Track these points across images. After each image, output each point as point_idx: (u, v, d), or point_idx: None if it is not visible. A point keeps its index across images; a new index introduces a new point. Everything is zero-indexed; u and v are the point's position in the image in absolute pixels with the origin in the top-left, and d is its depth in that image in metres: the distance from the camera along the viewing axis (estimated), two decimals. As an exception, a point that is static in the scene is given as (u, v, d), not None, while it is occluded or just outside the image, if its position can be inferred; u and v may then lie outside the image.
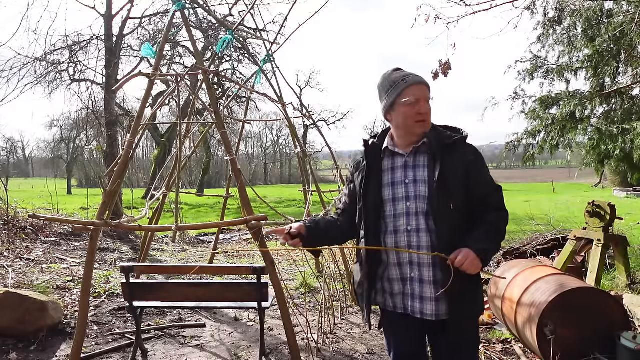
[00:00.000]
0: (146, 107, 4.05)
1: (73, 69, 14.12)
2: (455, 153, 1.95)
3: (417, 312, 1.97)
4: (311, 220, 2.11)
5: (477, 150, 2.02)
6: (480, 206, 1.97)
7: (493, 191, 2.00)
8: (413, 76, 2.00)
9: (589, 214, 4.96)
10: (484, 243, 1.88)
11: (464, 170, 1.93)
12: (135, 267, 3.74)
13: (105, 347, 3.93)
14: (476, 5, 4.65)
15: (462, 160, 1.95)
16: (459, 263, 1.81)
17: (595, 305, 3.23)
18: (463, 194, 1.92)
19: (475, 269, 1.84)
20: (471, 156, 1.96)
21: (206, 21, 14.84)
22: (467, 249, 1.83)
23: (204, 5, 4.78)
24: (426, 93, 1.99)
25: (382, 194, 2.01)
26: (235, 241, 11.00)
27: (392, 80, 2.02)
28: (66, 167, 42.08)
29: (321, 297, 4.32)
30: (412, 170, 1.99)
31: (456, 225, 1.91)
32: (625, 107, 7.98)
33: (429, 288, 1.93)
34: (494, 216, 1.97)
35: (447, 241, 1.88)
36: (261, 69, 4.88)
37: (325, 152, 32.02)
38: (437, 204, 1.90)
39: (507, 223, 2.03)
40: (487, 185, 1.99)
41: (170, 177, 5.48)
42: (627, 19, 6.93)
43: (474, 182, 1.94)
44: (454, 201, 1.89)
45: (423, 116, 1.96)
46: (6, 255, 6.39)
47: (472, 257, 1.82)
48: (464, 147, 2.00)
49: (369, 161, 2.08)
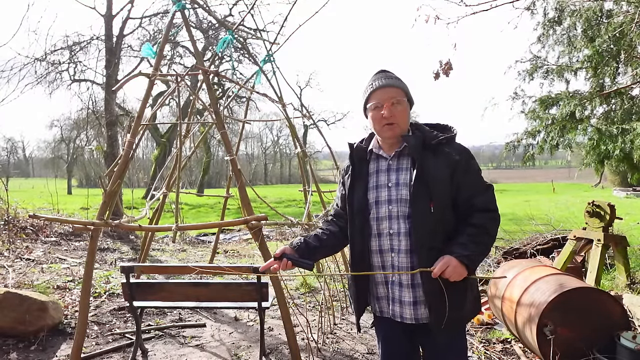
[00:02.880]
0: (146, 107, 4.05)
1: (73, 69, 14.16)
2: (441, 153, 1.92)
3: (398, 316, 1.98)
4: (299, 239, 2.08)
5: (465, 149, 1.97)
6: (466, 208, 1.91)
7: (481, 191, 1.94)
8: (381, 79, 2.00)
9: (588, 214, 4.96)
10: (467, 248, 1.82)
11: (448, 171, 1.89)
12: (135, 267, 3.74)
13: (105, 347, 3.93)
14: (476, 5, 4.65)
15: (447, 161, 1.90)
16: (438, 271, 1.78)
17: (595, 305, 3.23)
18: (447, 196, 1.89)
19: (457, 276, 1.80)
20: (457, 156, 1.91)
21: (206, 21, 14.87)
22: (449, 256, 1.80)
23: (204, 5, 4.78)
24: (392, 95, 1.96)
25: (368, 197, 2.01)
26: (235, 241, 11.00)
27: (366, 84, 2.05)
28: (66, 167, 42.07)
29: (321, 297, 4.33)
30: (395, 173, 1.98)
31: (438, 228, 1.87)
32: (625, 107, 7.98)
33: (407, 291, 1.94)
34: (480, 218, 1.90)
35: (427, 245, 1.85)
36: (261, 69, 4.88)
37: (325, 152, 32.03)
38: (415, 207, 1.87)
39: (498, 224, 1.95)
40: (474, 186, 1.93)
41: (170, 177, 5.48)
42: (627, 19, 6.93)
43: (460, 182, 1.90)
44: (435, 203, 1.85)
45: (387, 119, 1.94)
46: (6, 255, 6.40)
47: (454, 264, 1.78)
48: (451, 146, 1.95)
49: (355, 165, 2.08)
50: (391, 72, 2.08)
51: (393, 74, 2.06)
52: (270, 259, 1.99)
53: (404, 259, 1.92)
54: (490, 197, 1.96)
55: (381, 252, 1.97)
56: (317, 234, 2.14)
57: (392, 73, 2.07)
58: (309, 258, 2.01)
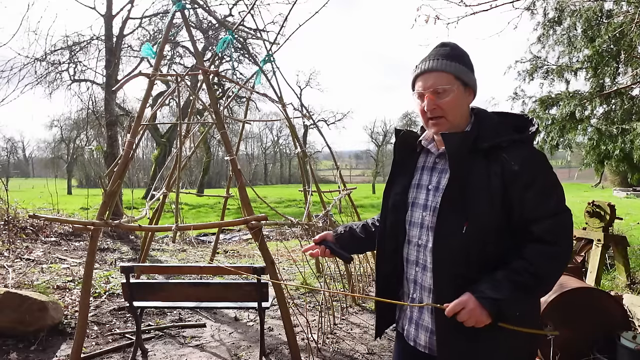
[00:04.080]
0: (146, 107, 4.05)
1: (73, 69, 14.17)
2: (496, 159, 1.50)
3: (411, 339, 1.69)
4: (345, 226, 1.91)
5: (533, 156, 1.51)
6: (523, 236, 1.48)
7: (545, 215, 1.46)
8: (429, 59, 1.62)
9: (588, 214, 4.96)
10: (497, 290, 1.41)
11: (501, 184, 1.47)
12: (135, 267, 3.73)
13: (105, 347, 3.93)
14: (476, 5, 4.66)
15: (502, 170, 1.48)
16: (451, 312, 1.44)
17: (595, 305, 3.23)
18: (492, 216, 1.47)
19: (476, 322, 1.43)
20: (516, 166, 1.46)
21: (206, 21, 14.87)
22: (469, 294, 1.44)
23: (204, 5, 4.78)
24: (435, 83, 1.57)
25: (408, 194, 1.70)
26: (235, 241, 11.00)
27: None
28: (66, 167, 42.06)
29: (321, 297, 4.32)
30: (438, 174, 1.64)
31: (471, 254, 1.48)
32: (625, 108, 7.98)
33: (427, 315, 1.63)
34: (532, 252, 1.44)
35: (451, 271, 1.51)
36: (261, 69, 4.89)
37: (325, 152, 32.06)
38: (441, 223, 1.53)
39: (558, 265, 1.48)
40: (535, 207, 1.46)
41: (170, 177, 5.48)
42: (627, 20, 6.93)
43: (515, 200, 1.46)
44: (471, 222, 1.47)
45: (430, 113, 1.58)
46: (6, 255, 6.39)
47: (471, 308, 1.42)
48: (512, 151, 1.50)
49: (398, 156, 1.77)
50: (449, 48, 1.63)
51: (449, 52, 1.62)
52: (312, 244, 1.84)
53: (428, 278, 1.61)
54: (558, 225, 1.46)
55: (408, 261, 1.69)
56: (365, 224, 1.90)
57: (448, 49, 1.63)
58: (352, 249, 1.84)
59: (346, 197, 5.59)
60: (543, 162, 1.51)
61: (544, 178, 1.49)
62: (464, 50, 1.66)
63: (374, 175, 46.86)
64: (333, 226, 5.45)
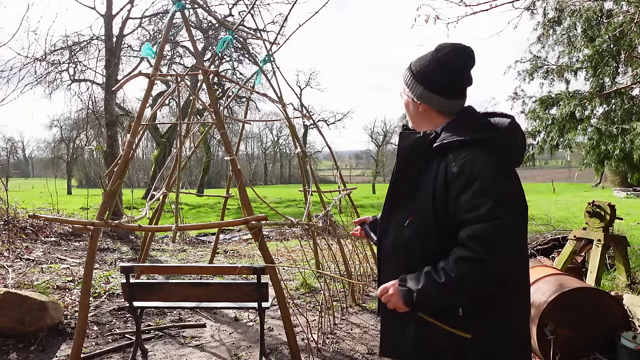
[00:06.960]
0: (146, 107, 4.05)
1: (73, 69, 14.15)
2: (444, 160, 1.54)
3: None
4: None
5: (473, 159, 1.48)
6: (459, 237, 1.49)
7: (474, 222, 1.43)
8: None
9: (588, 214, 4.96)
10: (416, 283, 1.50)
11: (443, 182, 1.51)
12: (135, 267, 3.73)
13: (105, 347, 3.93)
14: (476, 5, 4.66)
15: (445, 169, 1.51)
16: (379, 294, 1.62)
17: (595, 305, 3.23)
18: (431, 216, 1.52)
19: (396, 307, 1.57)
20: (455, 167, 1.48)
21: (206, 21, 14.88)
22: (396, 281, 1.58)
23: (204, 5, 4.78)
24: (402, 86, 1.73)
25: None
26: (235, 241, 11.00)
27: None
28: (66, 167, 42.08)
29: (321, 297, 4.32)
30: None
31: (412, 247, 1.57)
32: (625, 107, 7.99)
33: None
34: (455, 254, 1.46)
35: (394, 262, 1.66)
36: (261, 69, 4.89)
37: (325, 152, 32.06)
38: (389, 216, 1.68)
39: (477, 273, 1.43)
40: (468, 212, 1.45)
41: (170, 177, 5.48)
42: (627, 19, 6.93)
43: (452, 202, 1.49)
44: (414, 219, 1.56)
45: None
46: (6, 255, 6.39)
47: (391, 293, 1.56)
48: (458, 152, 1.52)
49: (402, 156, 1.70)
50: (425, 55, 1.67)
51: (418, 59, 1.68)
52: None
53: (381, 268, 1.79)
54: (485, 232, 1.41)
55: (379, 252, 1.83)
56: None
57: (424, 56, 1.67)
58: None
59: (346, 197, 5.59)
60: (484, 166, 1.46)
61: (480, 183, 1.44)
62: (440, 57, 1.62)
63: (374, 175, 46.88)
64: (333, 226, 5.46)
